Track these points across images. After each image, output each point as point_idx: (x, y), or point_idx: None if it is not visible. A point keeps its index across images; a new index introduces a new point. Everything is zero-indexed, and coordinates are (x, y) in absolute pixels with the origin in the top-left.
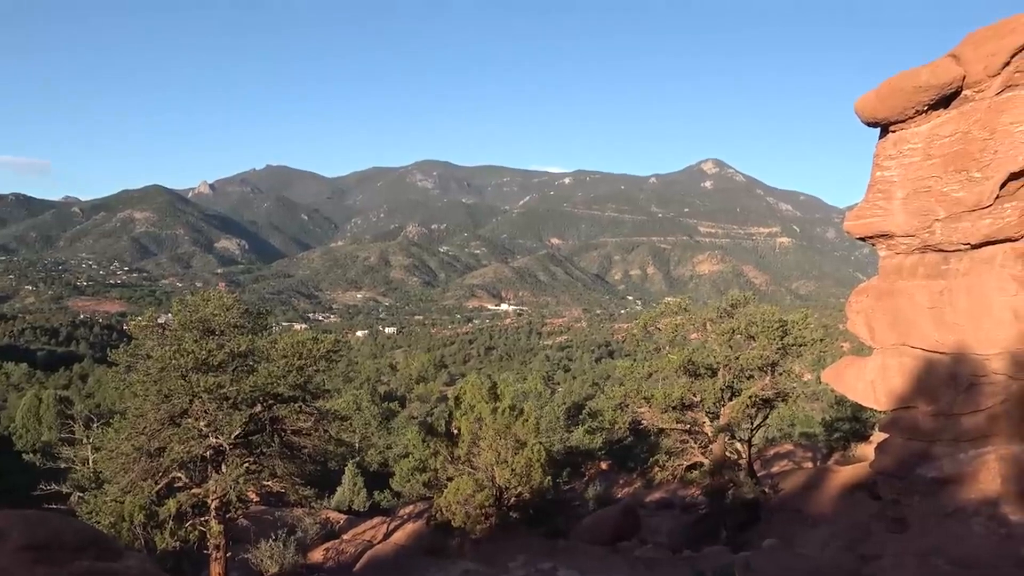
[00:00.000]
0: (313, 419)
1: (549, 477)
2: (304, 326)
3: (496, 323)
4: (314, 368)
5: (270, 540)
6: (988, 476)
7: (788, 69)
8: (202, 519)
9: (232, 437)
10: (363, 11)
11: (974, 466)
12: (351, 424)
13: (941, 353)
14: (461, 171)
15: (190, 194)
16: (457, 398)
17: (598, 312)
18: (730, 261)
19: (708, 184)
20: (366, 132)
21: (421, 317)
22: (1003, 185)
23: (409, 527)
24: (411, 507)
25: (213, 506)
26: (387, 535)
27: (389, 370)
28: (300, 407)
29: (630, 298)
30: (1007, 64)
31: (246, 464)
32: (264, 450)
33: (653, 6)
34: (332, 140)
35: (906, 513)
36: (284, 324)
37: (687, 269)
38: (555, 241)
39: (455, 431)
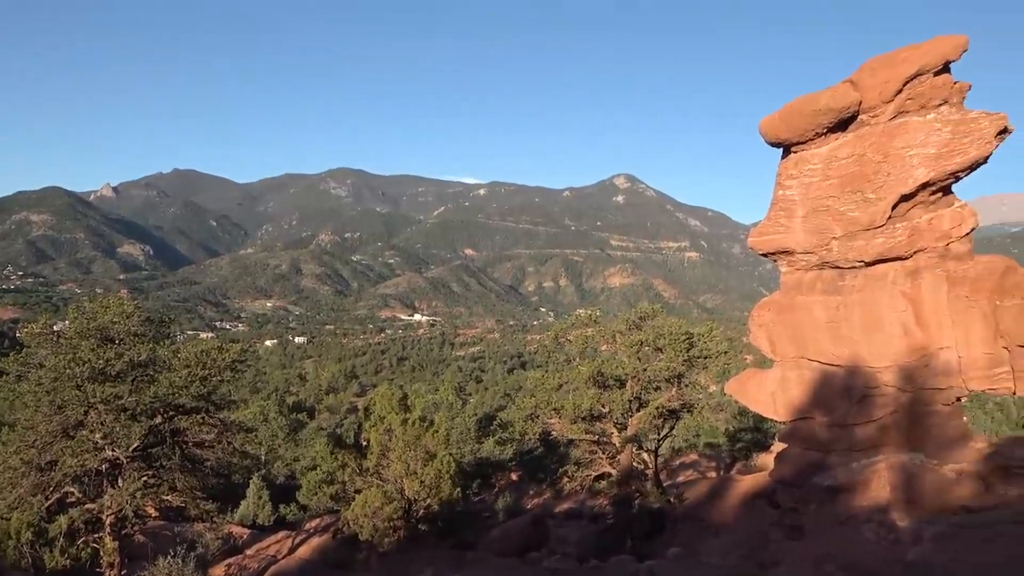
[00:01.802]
0: (216, 431)
1: (459, 489)
2: (210, 335)
3: (409, 333)
4: (219, 378)
5: (168, 556)
6: (879, 484)
7: (700, 89)
8: (95, 536)
9: (130, 450)
10: (277, 14)
11: (866, 475)
12: (257, 436)
13: (837, 366)
14: (376, 180)
15: (92, 197)
16: (367, 409)
17: (511, 323)
18: (640, 274)
19: (620, 199)
20: (279, 138)
21: (332, 327)
22: (895, 206)
23: (315, 541)
24: (317, 520)
25: (108, 522)
26: (292, 550)
27: (298, 380)
28: (203, 418)
29: (543, 310)
30: (899, 91)
31: (144, 478)
32: (164, 463)
33: (570, 24)
34: (244, 145)
35: (803, 521)
36: (189, 333)
37: (599, 281)
38: (469, 252)
39: (364, 443)
